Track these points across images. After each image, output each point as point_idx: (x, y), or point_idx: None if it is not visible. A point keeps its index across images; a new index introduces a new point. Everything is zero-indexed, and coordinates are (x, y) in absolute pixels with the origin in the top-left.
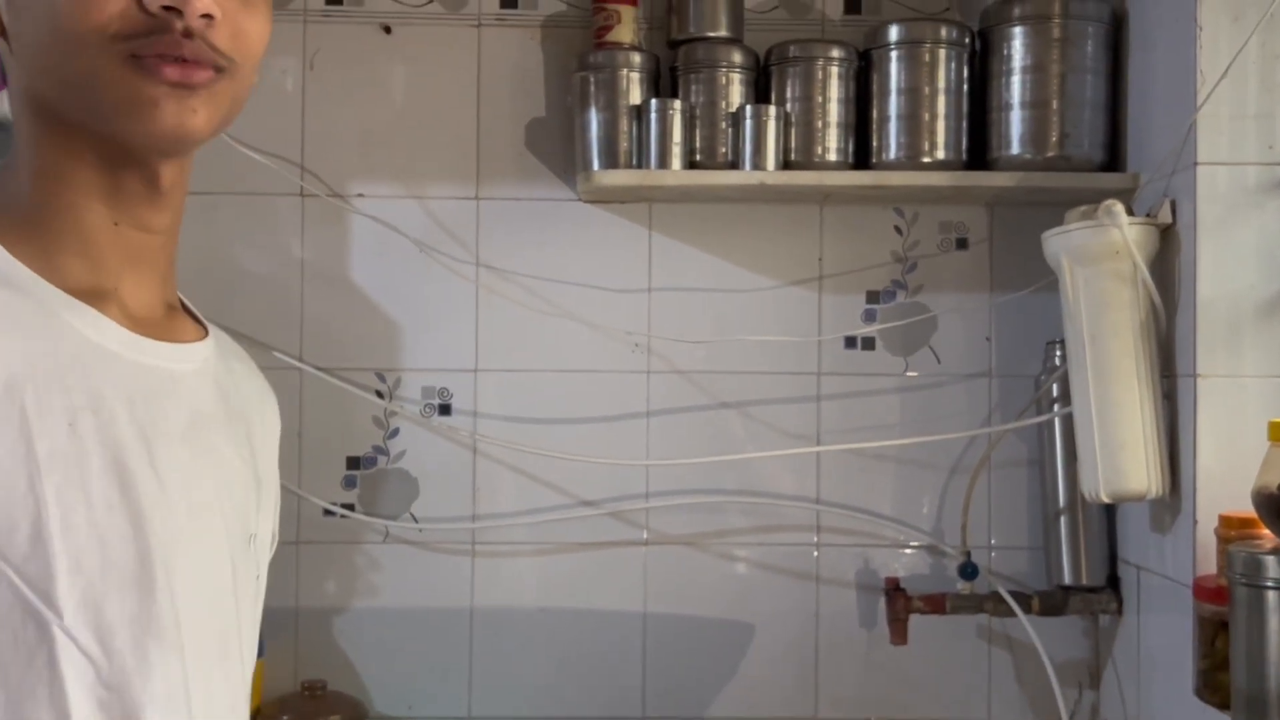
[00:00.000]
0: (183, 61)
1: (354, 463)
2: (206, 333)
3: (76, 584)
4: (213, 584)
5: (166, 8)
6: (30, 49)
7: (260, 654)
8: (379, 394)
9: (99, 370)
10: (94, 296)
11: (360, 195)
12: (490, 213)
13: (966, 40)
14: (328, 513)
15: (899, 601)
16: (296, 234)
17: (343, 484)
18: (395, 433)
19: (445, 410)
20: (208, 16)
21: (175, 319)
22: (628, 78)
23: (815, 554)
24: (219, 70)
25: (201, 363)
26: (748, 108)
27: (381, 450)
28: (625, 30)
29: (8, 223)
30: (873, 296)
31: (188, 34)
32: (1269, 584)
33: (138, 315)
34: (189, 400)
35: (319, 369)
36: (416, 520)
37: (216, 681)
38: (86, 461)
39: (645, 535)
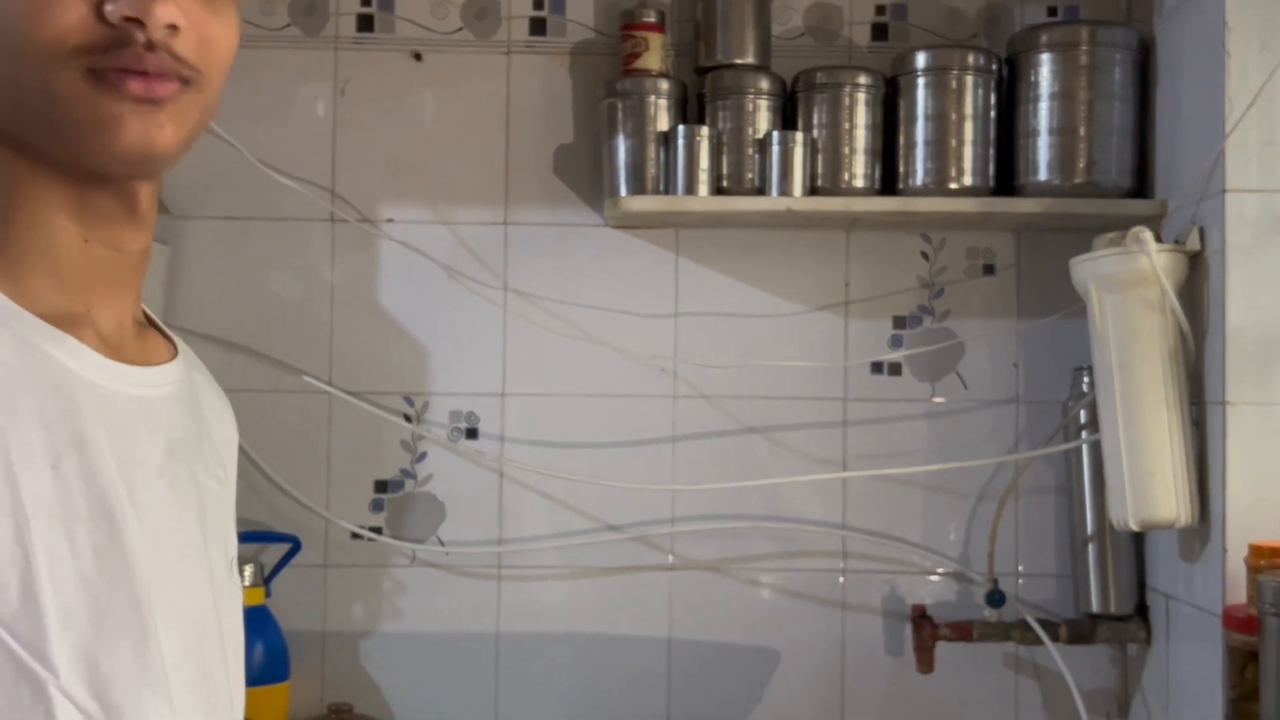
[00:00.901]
0: (146, 75)
1: (381, 486)
2: (175, 349)
3: (67, 639)
4: (195, 622)
5: (127, 18)
6: None
7: (286, 677)
8: (407, 418)
9: (80, 403)
10: (68, 321)
11: (390, 220)
12: (518, 238)
13: (994, 67)
14: (355, 536)
15: (926, 629)
16: (327, 259)
17: (370, 507)
18: (423, 456)
19: (472, 434)
20: (172, 27)
21: (146, 337)
22: (655, 104)
23: (841, 580)
24: (185, 82)
25: (175, 385)
26: (775, 134)
27: (409, 474)
28: (653, 57)
29: None
30: (899, 322)
31: (150, 46)
32: None
33: (110, 338)
34: (164, 428)
35: (348, 393)
36: (443, 544)
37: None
38: (71, 505)
39: (671, 560)
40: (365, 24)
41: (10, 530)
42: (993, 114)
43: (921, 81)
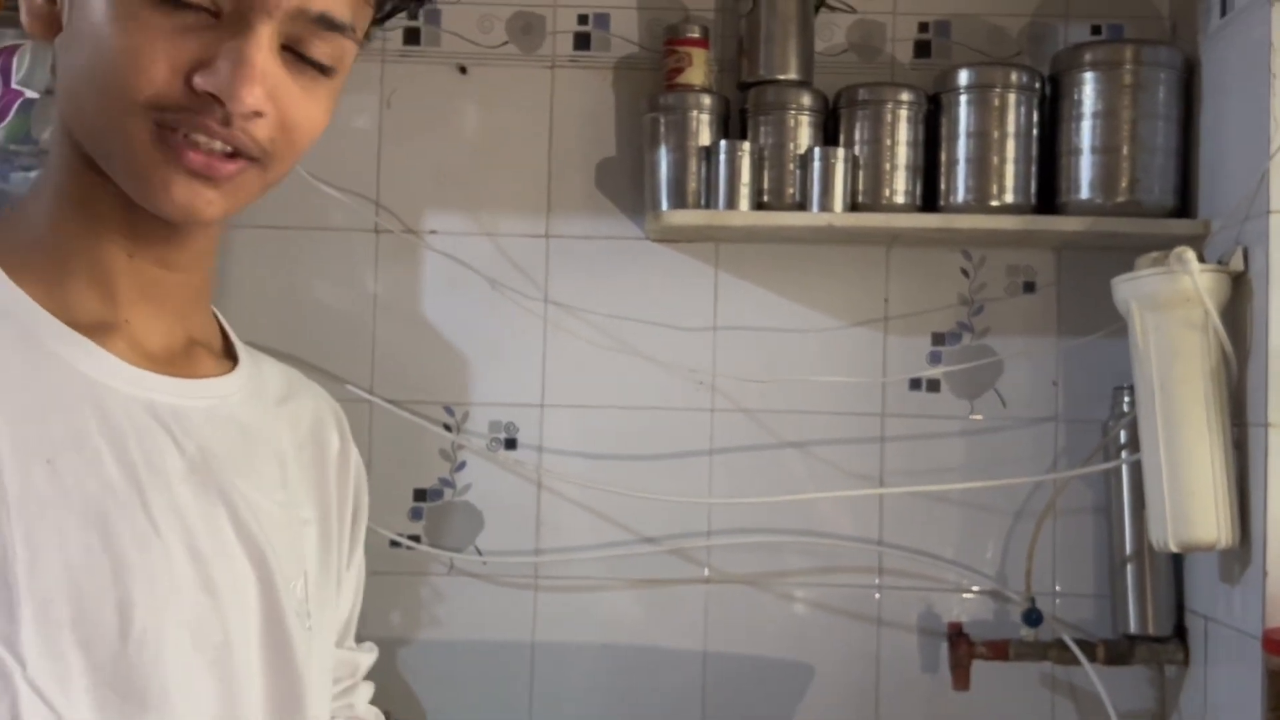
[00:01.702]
0: (210, 152)
1: (420, 495)
2: (233, 369)
3: (44, 632)
4: (218, 638)
5: (211, 94)
6: (70, 68)
7: None
8: (447, 427)
9: (87, 405)
10: (100, 329)
11: (433, 232)
12: (559, 250)
13: (1037, 85)
14: (394, 544)
15: (962, 647)
16: (370, 269)
17: (409, 515)
18: (462, 465)
19: (511, 444)
20: (255, 113)
21: (196, 355)
22: (698, 119)
23: (877, 596)
24: (252, 160)
25: (218, 399)
26: (816, 150)
27: (448, 483)
28: (696, 72)
29: (20, 246)
30: (938, 339)
31: (227, 122)
32: None
33: (151, 350)
34: (197, 438)
35: (389, 401)
36: (481, 553)
37: None
38: (65, 502)
39: (707, 573)
40: (412, 37)
41: None
42: (1035, 132)
43: (964, 99)
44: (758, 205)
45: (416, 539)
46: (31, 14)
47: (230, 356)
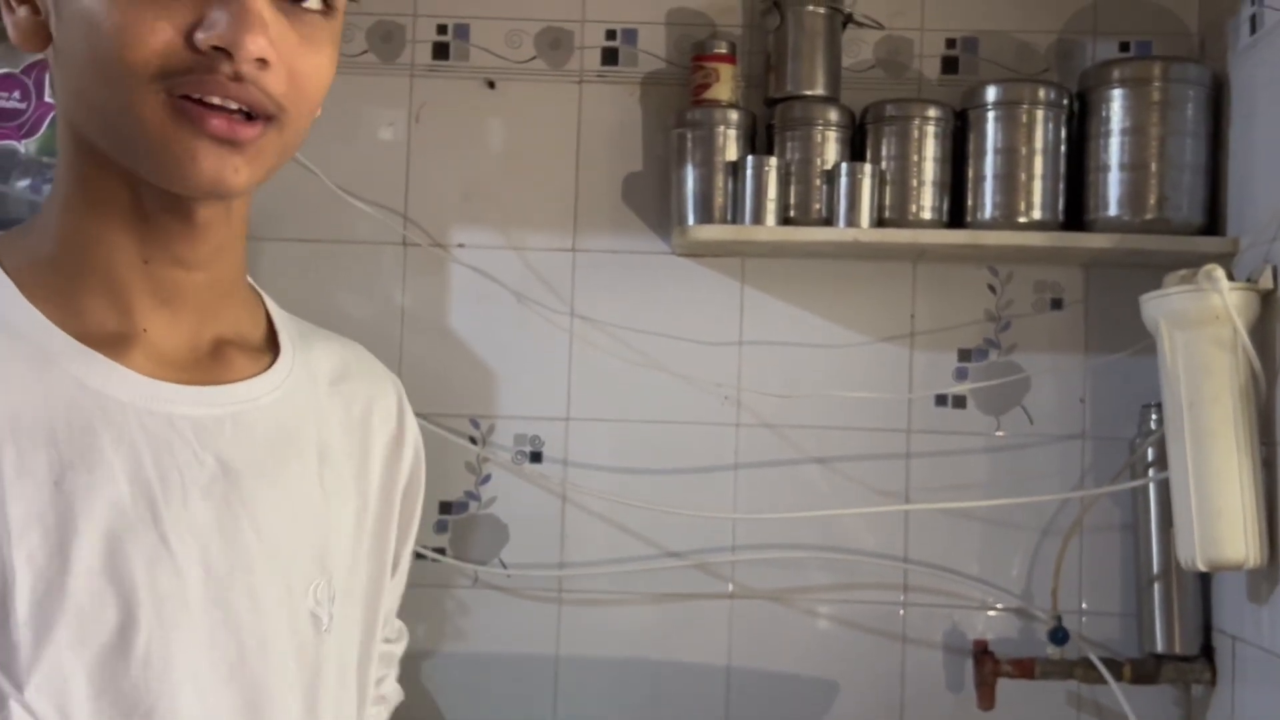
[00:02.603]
0: (228, 113)
1: (446, 507)
2: (270, 365)
3: (44, 655)
4: (233, 654)
5: (216, 48)
6: (67, 68)
7: None
8: (472, 440)
9: (98, 422)
10: (116, 341)
11: (461, 245)
12: (586, 264)
13: (1064, 101)
14: (419, 556)
15: (987, 665)
16: (398, 282)
17: (434, 528)
18: (487, 479)
19: (536, 458)
20: (261, 61)
21: (226, 356)
22: (724, 134)
23: (902, 613)
24: (268, 119)
25: (248, 403)
26: (843, 165)
27: (473, 495)
28: (724, 88)
29: (34, 262)
30: (965, 355)
31: (237, 78)
32: None
33: (173, 358)
34: (218, 449)
35: (415, 414)
36: (505, 566)
37: None
38: (70, 523)
39: (730, 588)
40: (441, 52)
41: None
42: (1063, 148)
43: (991, 115)
44: (784, 220)
45: (442, 551)
46: (19, 30)
47: (274, 346)
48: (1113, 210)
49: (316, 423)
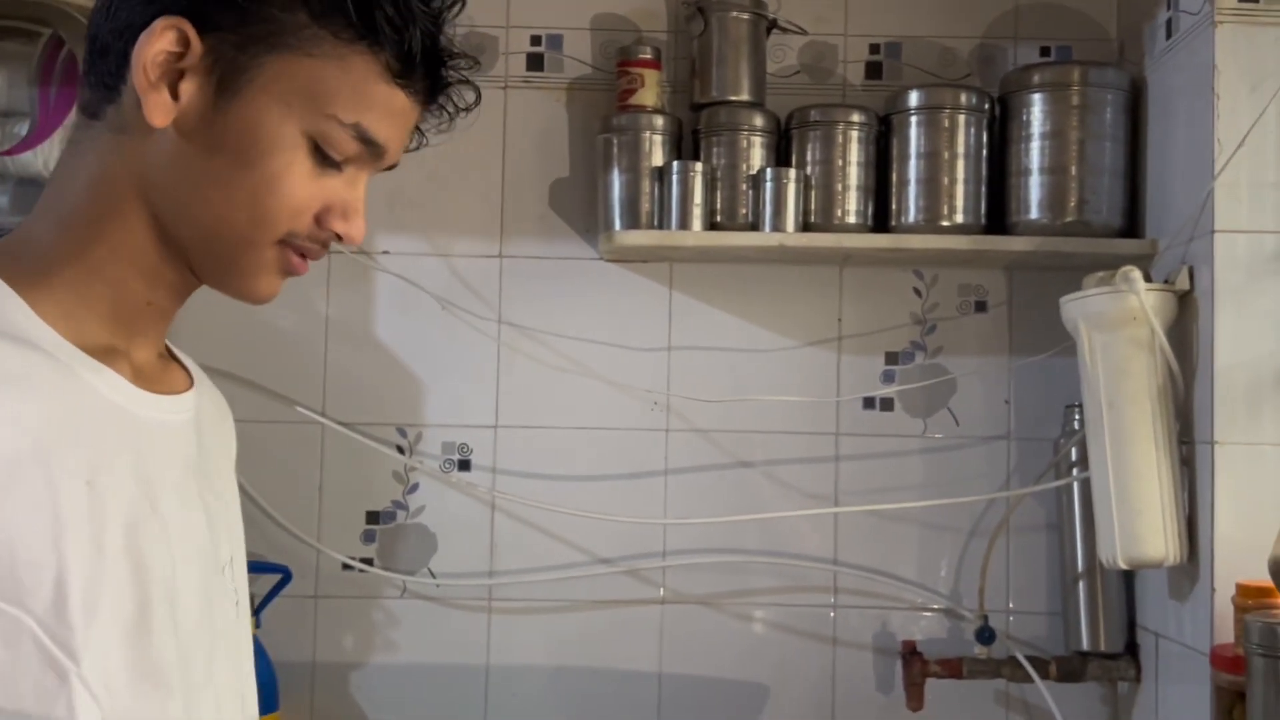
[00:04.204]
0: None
1: (373, 517)
2: (191, 378)
3: (91, 635)
4: (194, 621)
5: (336, 235)
6: (196, 174)
7: (275, 708)
8: (399, 449)
9: (112, 427)
10: (106, 353)
11: (385, 252)
12: (513, 271)
13: (986, 106)
14: (346, 567)
15: (916, 665)
16: (322, 290)
17: (362, 538)
18: (415, 488)
19: (465, 466)
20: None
21: (169, 369)
22: (650, 140)
23: (832, 615)
24: None
25: (194, 410)
26: (768, 170)
27: (401, 505)
28: (649, 93)
29: (39, 276)
30: (891, 358)
31: (329, 243)
32: None
33: (144, 370)
34: (181, 450)
35: (340, 424)
36: (434, 575)
37: (209, 708)
38: (102, 517)
39: (661, 594)
40: None
41: (49, 539)
42: (985, 152)
43: (914, 120)
44: (710, 226)
45: (369, 562)
46: (157, 109)
47: (172, 355)
48: (1034, 213)
49: (225, 431)
